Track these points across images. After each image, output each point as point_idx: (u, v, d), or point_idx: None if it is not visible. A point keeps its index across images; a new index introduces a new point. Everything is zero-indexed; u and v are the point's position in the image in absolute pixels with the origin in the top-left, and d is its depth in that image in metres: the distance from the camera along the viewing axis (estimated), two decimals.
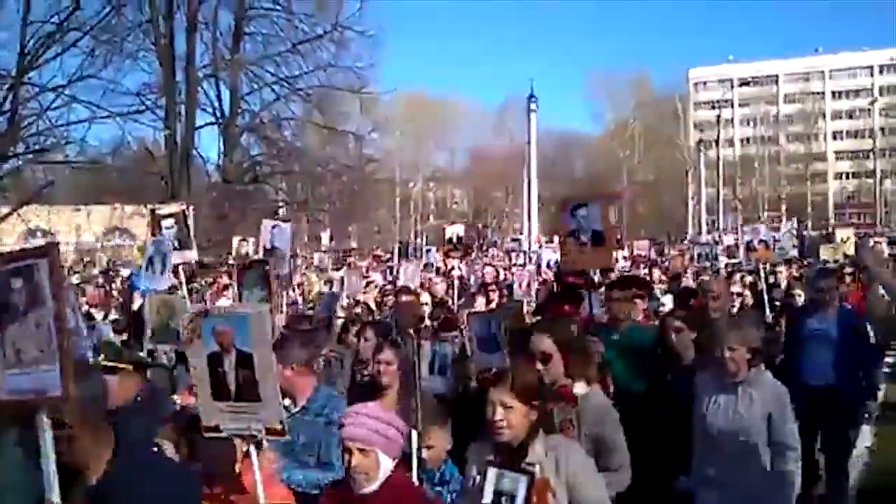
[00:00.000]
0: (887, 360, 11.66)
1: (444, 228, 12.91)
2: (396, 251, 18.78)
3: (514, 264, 16.79)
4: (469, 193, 73.24)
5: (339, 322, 7.41)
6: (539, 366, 3.45)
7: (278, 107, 25.50)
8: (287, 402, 3.70)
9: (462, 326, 5.91)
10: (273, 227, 8.53)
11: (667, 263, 16.16)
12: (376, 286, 11.98)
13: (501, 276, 13.44)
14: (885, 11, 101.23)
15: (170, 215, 7.32)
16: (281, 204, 28.83)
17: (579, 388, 3.50)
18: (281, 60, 24.57)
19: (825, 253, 14.05)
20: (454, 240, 12.35)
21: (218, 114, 25.00)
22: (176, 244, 7.09)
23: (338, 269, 14.70)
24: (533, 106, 37.80)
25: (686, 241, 26.79)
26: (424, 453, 3.64)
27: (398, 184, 62.12)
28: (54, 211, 29.22)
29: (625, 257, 15.89)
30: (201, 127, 24.97)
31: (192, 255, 7.36)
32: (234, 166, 24.69)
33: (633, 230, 49.39)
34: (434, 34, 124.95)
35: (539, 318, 6.29)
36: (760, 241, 12.03)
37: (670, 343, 4.78)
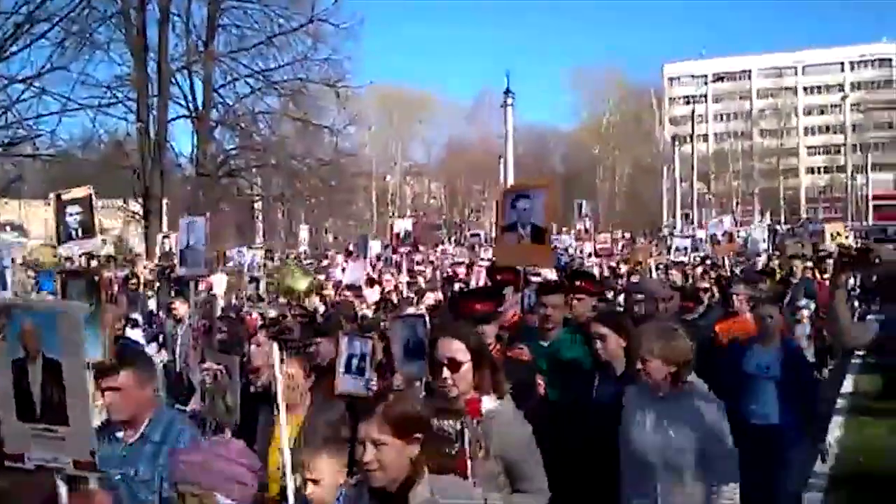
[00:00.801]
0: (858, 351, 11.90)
1: (391, 223, 12.45)
2: (351, 246, 18.62)
3: (479, 259, 15.86)
4: (445, 187, 73.28)
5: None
6: (446, 374, 3.01)
7: (253, 100, 25.25)
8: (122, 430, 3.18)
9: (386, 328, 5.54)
10: (188, 223, 7.83)
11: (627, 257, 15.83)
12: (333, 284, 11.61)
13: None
14: (856, 9, 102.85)
15: (75, 201, 7.05)
16: (256, 198, 28.61)
17: (488, 402, 3.03)
18: (255, 53, 24.33)
19: (792, 248, 13.72)
20: (402, 234, 11.90)
21: (191, 107, 24.71)
22: (80, 232, 6.88)
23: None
24: (509, 100, 37.70)
25: (664, 234, 26.60)
26: (309, 489, 3.05)
27: (374, 178, 61.95)
28: (25, 205, 28.79)
29: (590, 253, 15.48)
30: (174, 120, 24.68)
31: (96, 243, 7.10)
32: (207, 160, 24.42)
33: (610, 224, 49.72)
34: (410, 28, 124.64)
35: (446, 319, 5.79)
36: (725, 233, 11.47)
37: (594, 351, 4.30)
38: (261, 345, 4.87)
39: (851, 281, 10.88)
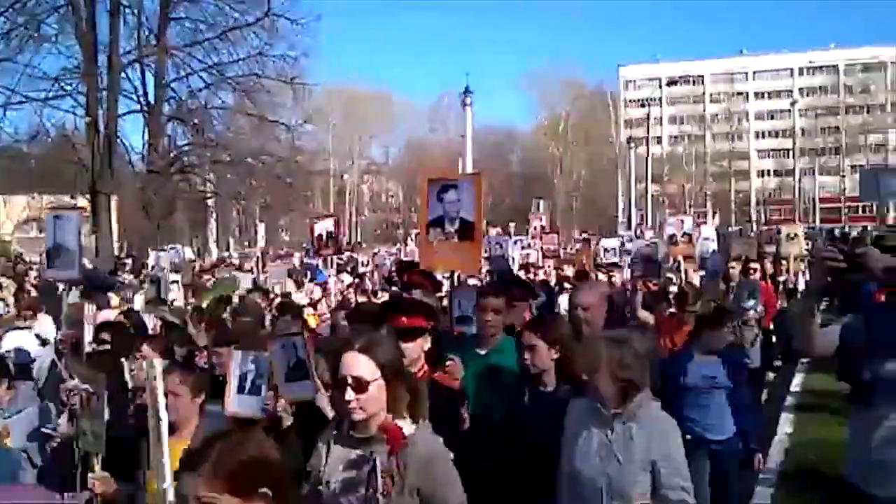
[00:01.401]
0: None
1: (312, 223, 11.13)
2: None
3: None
4: (404, 186, 73.18)
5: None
6: (350, 396, 2.58)
7: (206, 95, 24.83)
8: None
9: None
10: (55, 218, 6.47)
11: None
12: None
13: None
14: (804, 16, 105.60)
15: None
16: (210, 195, 28.13)
17: (404, 427, 2.64)
18: (209, 47, 23.91)
19: (738, 249, 13.08)
20: (324, 236, 10.80)
21: (143, 101, 24.18)
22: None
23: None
24: (468, 100, 37.88)
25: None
26: None
27: (333, 176, 61.54)
28: None
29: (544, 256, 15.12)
30: (125, 114, 24.13)
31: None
32: (159, 156, 23.91)
33: (567, 225, 50.18)
34: (369, 27, 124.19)
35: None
36: (685, 234, 10.63)
37: (522, 362, 3.90)
38: (144, 357, 4.19)
39: (802, 282, 11.01)
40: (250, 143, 25.58)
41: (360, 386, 2.60)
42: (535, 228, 16.80)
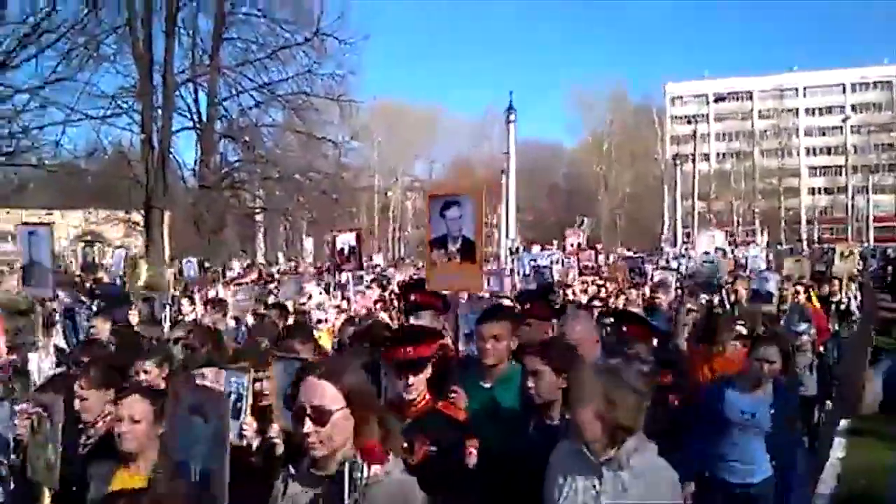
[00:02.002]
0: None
1: (334, 237, 10.49)
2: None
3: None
4: None
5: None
6: (309, 428, 2.26)
7: (257, 113, 25.37)
8: None
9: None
10: (29, 234, 6.15)
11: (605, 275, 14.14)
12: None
13: None
14: (856, 31, 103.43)
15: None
16: (258, 210, 28.64)
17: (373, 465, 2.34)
18: (260, 66, 24.46)
19: (790, 268, 12.28)
20: (346, 251, 10.04)
21: (195, 119, 24.82)
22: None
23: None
24: (511, 117, 37.87)
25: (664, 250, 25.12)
26: None
27: (377, 192, 62.09)
28: (27, 215, 28.82)
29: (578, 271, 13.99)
30: (178, 131, 24.77)
31: None
32: (211, 172, 24.47)
33: (611, 242, 49.75)
34: (415, 44, 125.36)
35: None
36: (718, 249, 10.45)
37: (526, 392, 3.48)
38: (85, 387, 3.68)
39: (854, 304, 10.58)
40: (298, 159, 26.02)
41: (320, 417, 2.28)
42: (571, 245, 16.37)
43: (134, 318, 8.61)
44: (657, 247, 29.95)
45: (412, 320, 4.42)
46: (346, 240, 10.21)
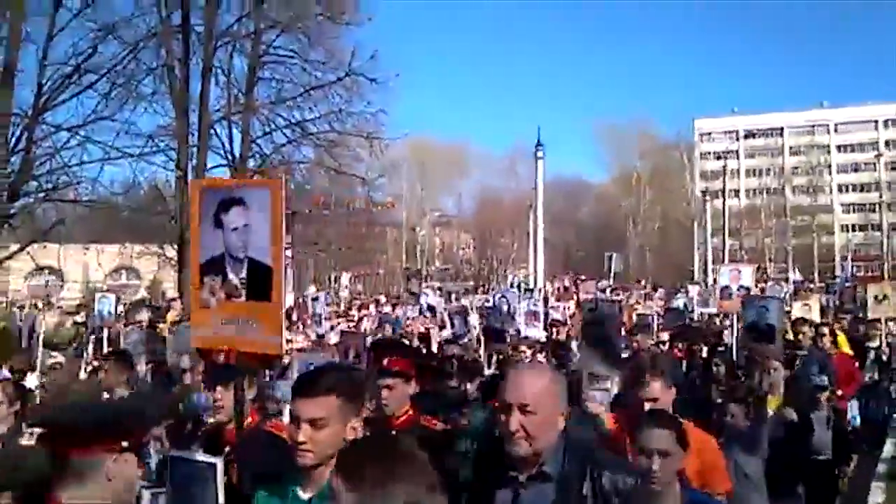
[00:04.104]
0: None
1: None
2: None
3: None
4: (476, 238, 73.57)
5: None
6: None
7: (289, 150, 25.76)
8: None
9: None
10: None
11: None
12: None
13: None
14: (888, 66, 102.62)
15: None
16: (287, 245, 28.97)
17: None
18: (293, 105, 24.90)
19: (795, 312, 10.83)
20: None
21: (229, 156, 25.25)
22: None
23: None
24: (539, 153, 38.07)
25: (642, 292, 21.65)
26: None
27: (405, 228, 62.44)
28: (64, 249, 29.40)
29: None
30: (212, 168, 25.14)
31: None
32: None
33: (641, 278, 49.34)
34: (445, 81, 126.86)
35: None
36: (742, 287, 8.79)
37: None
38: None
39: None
40: (327, 195, 26.31)
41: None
42: (557, 290, 15.75)
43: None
44: (682, 285, 29.56)
45: (384, 393, 3.49)
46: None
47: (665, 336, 9.47)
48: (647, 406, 3.58)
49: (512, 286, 15.04)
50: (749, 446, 4.52)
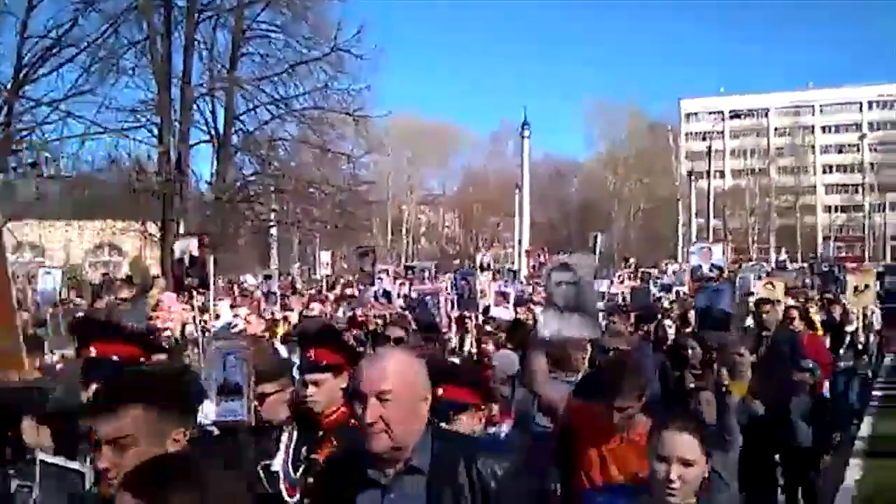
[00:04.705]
0: (875, 392, 11.73)
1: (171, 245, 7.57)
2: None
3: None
4: (461, 217, 73.56)
5: None
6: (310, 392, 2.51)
7: (273, 126, 25.53)
8: None
9: None
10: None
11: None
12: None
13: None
14: (873, 48, 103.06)
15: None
16: (272, 223, 28.79)
17: None
18: (277, 81, 24.65)
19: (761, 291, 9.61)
20: (186, 261, 7.39)
21: (212, 132, 25.01)
22: None
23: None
24: (526, 132, 38.01)
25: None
26: None
27: (390, 206, 62.25)
28: (45, 226, 29.10)
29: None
30: (195, 145, 24.96)
31: None
32: (226, 185, 24.65)
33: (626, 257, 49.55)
34: (431, 59, 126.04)
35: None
36: (714, 266, 8.20)
37: None
38: None
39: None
40: (312, 173, 26.14)
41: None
42: (532, 267, 14.94)
43: None
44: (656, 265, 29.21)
45: (309, 389, 3.22)
46: (184, 247, 7.50)
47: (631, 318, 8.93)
48: (616, 417, 3.40)
49: (482, 267, 14.38)
50: (719, 441, 4.02)
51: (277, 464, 3.18)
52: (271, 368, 3.54)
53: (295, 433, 3.26)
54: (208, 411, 3.40)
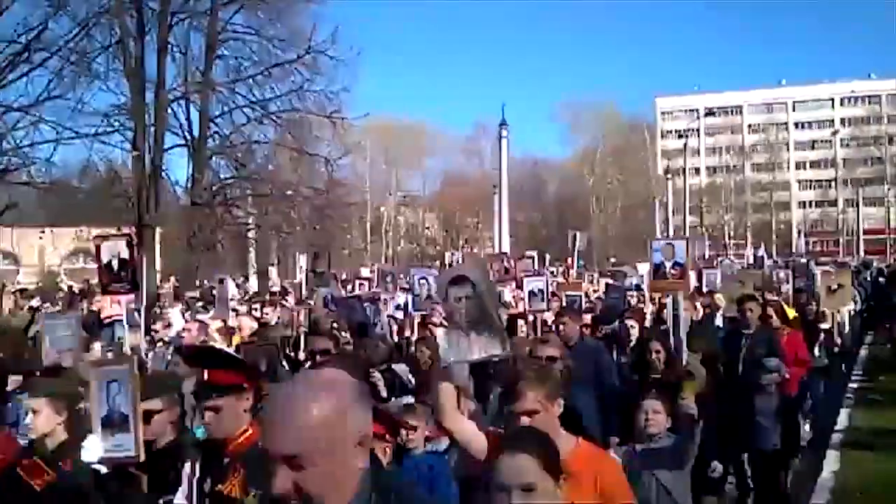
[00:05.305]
0: (851, 385, 11.89)
1: (97, 246, 6.77)
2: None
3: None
4: (440, 217, 73.53)
5: None
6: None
7: (249, 130, 25.33)
8: None
9: None
10: None
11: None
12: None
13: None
14: (844, 46, 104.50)
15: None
16: (251, 227, 28.59)
17: None
18: (253, 84, 24.48)
19: (737, 290, 9.42)
20: (115, 266, 6.69)
21: (187, 136, 24.76)
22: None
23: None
24: (504, 132, 38.01)
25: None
26: None
27: (369, 207, 62.09)
28: (19, 233, 28.70)
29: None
30: (170, 149, 24.68)
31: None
32: (203, 189, 24.42)
33: (604, 256, 49.86)
34: (407, 60, 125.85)
35: None
36: (676, 264, 7.20)
37: None
38: None
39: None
40: (290, 175, 25.99)
41: None
42: (497, 272, 14.48)
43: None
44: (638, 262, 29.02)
45: (207, 416, 2.95)
46: (113, 249, 6.77)
47: (587, 318, 8.75)
48: (523, 420, 2.90)
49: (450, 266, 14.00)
50: (671, 458, 3.77)
51: (179, 499, 2.98)
52: (156, 384, 3.35)
53: (198, 463, 2.98)
54: (94, 447, 3.15)
